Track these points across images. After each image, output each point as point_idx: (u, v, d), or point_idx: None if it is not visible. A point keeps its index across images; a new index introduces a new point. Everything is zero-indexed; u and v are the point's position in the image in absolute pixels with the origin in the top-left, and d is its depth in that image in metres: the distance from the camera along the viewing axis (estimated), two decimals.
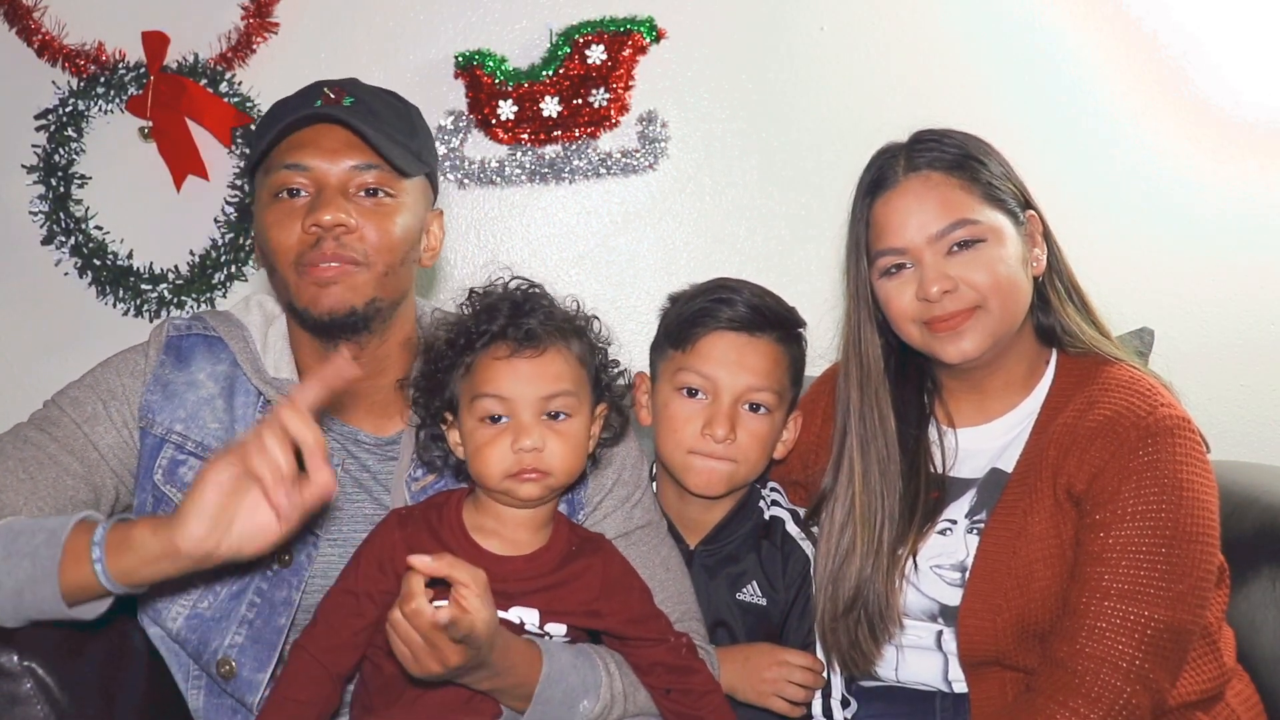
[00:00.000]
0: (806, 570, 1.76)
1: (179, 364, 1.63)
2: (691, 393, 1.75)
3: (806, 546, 1.78)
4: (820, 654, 1.73)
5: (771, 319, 1.76)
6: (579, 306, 1.55)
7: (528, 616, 1.47)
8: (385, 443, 1.65)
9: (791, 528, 1.80)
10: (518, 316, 1.47)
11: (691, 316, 1.78)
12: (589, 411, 1.51)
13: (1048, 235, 1.71)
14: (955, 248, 1.62)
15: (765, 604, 1.76)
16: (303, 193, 1.56)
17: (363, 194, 1.56)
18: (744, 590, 1.77)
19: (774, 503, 1.83)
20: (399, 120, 1.61)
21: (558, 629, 1.49)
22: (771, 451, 1.79)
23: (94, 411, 1.58)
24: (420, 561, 1.30)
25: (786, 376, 1.77)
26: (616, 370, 1.57)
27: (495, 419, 1.45)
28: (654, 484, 1.84)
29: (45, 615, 1.39)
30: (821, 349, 1.90)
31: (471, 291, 1.54)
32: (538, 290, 1.53)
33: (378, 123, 1.56)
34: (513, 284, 1.53)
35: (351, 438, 1.64)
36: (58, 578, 1.35)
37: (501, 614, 1.43)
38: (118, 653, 1.55)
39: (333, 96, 1.57)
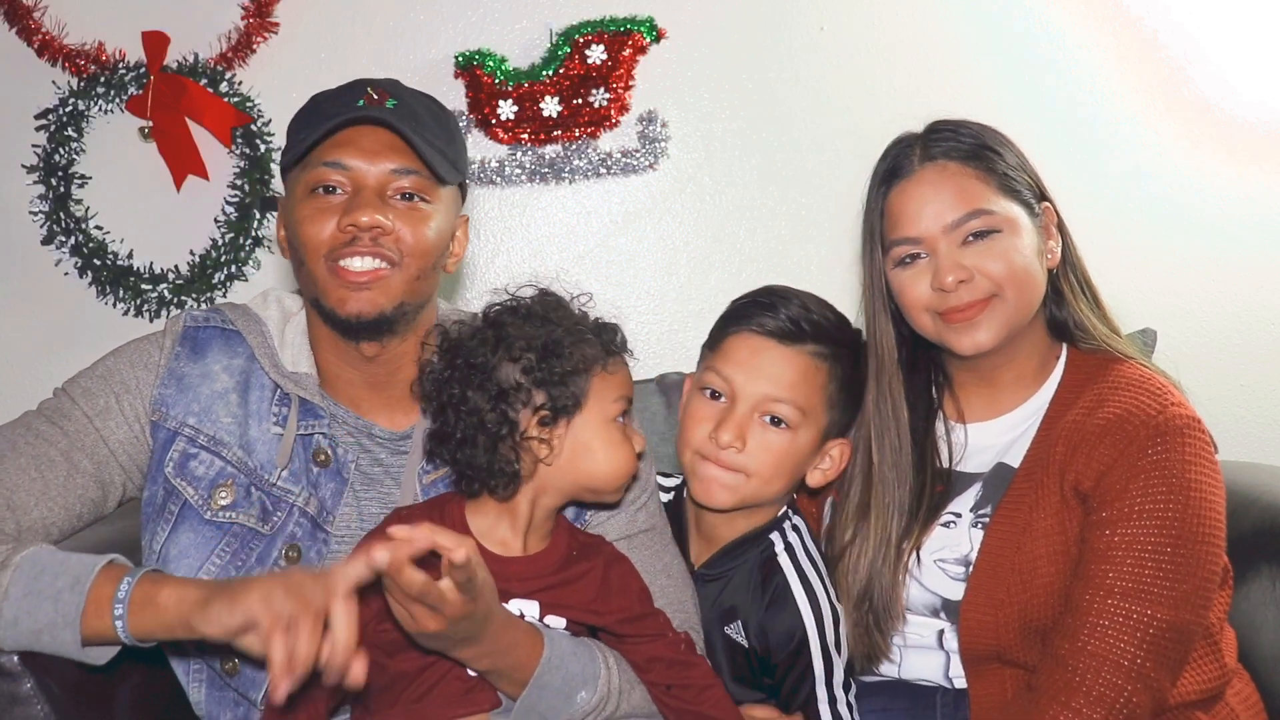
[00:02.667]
0: (800, 637, 1.63)
1: (194, 355, 1.62)
2: (714, 395, 1.69)
3: (805, 611, 1.63)
4: (826, 711, 1.65)
5: (812, 332, 1.67)
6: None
7: (527, 609, 1.47)
8: (398, 437, 1.64)
9: (794, 585, 1.66)
10: (607, 332, 1.52)
11: (726, 317, 1.74)
12: None
13: (1062, 227, 1.71)
14: (971, 238, 1.62)
15: (746, 646, 1.67)
16: (339, 190, 1.55)
17: (398, 198, 1.56)
18: (730, 626, 1.69)
19: (789, 546, 1.70)
20: (439, 126, 1.60)
21: (557, 622, 1.49)
22: (794, 473, 1.69)
23: (106, 405, 1.58)
24: (401, 532, 1.28)
25: (818, 395, 1.66)
26: None
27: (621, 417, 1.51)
28: (684, 487, 1.78)
29: (57, 654, 1.39)
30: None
31: (570, 313, 1.52)
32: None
33: (420, 127, 1.56)
34: (585, 300, 1.56)
35: (365, 431, 1.64)
36: (79, 626, 1.35)
37: (502, 604, 1.43)
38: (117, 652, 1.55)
39: (375, 97, 1.56)
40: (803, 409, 1.66)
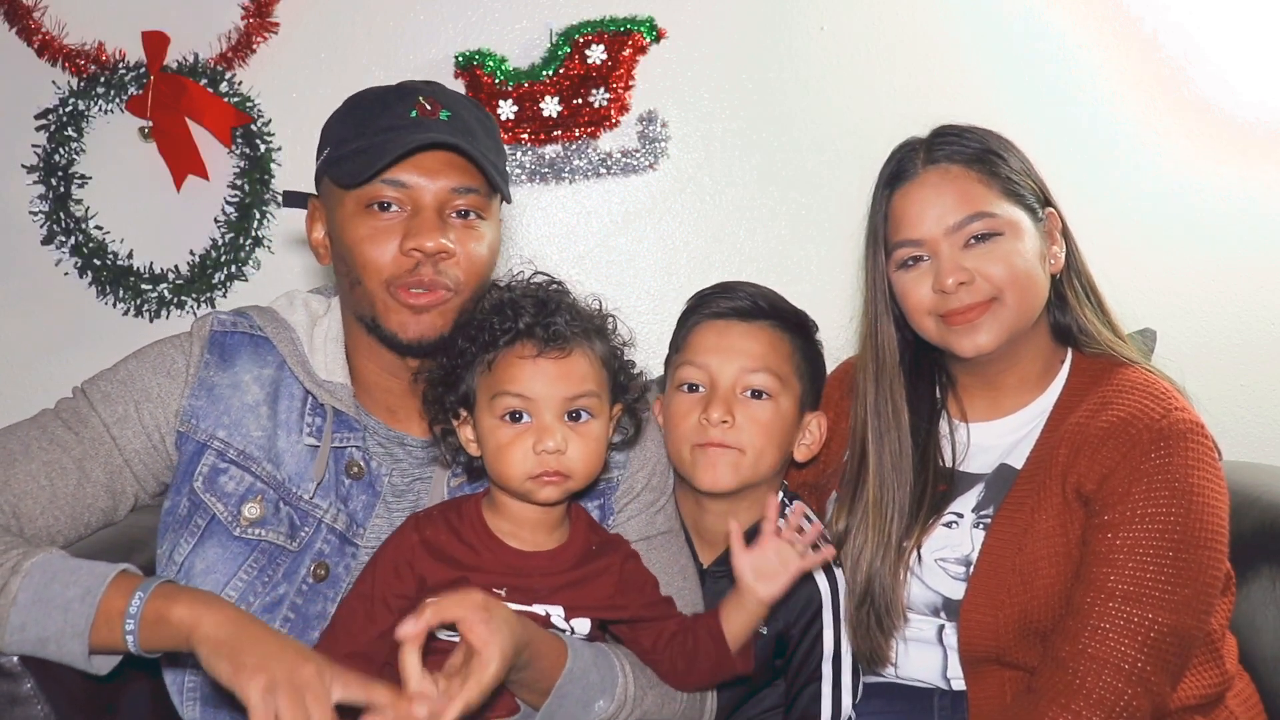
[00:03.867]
0: (816, 605, 1.69)
1: (223, 363, 1.59)
2: (692, 388, 1.74)
3: (821, 580, 1.70)
4: (827, 691, 1.69)
5: (767, 309, 1.75)
6: (601, 306, 1.54)
7: (554, 611, 1.47)
8: (430, 444, 1.62)
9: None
10: (543, 315, 1.45)
11: (685, 315, 1.79)
12: (608, 413, 1.51)
13: (1066, 234, 1.71)
14: (972, 240, 1.62)
15: (765, 633, 1.70)
16: (395, 207, 1.52)
17: (455, 215, 1.54)
18: None
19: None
20: (489, 138, 1.58)
21: (582, 625, 1.49)
22: (783, 445, 1.75)
23: (124, 413, 1.55)
24: (406, 631, 1.28)
25: (787, 364, 1.74)
26: (634, 371, 1.57)
27: (516, 418, 1.44)
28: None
29: (63, 662, 1.38)
30: (823, 348, 1.90)
31: (494, 286, 1.53)
32: (561, 288, 1.52)
33: (475, 142, 1.53)
34: (536, 280, 1.52)
35: (398, 441, 1.63)
36: (88, 637, 1.35)
37: (526, 608, 1.43)
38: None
39: (428, 108, 1.53)
40: (778, 375, 1.72)
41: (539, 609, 1.45)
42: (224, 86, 2.48)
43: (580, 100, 2.46)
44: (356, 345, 1.62)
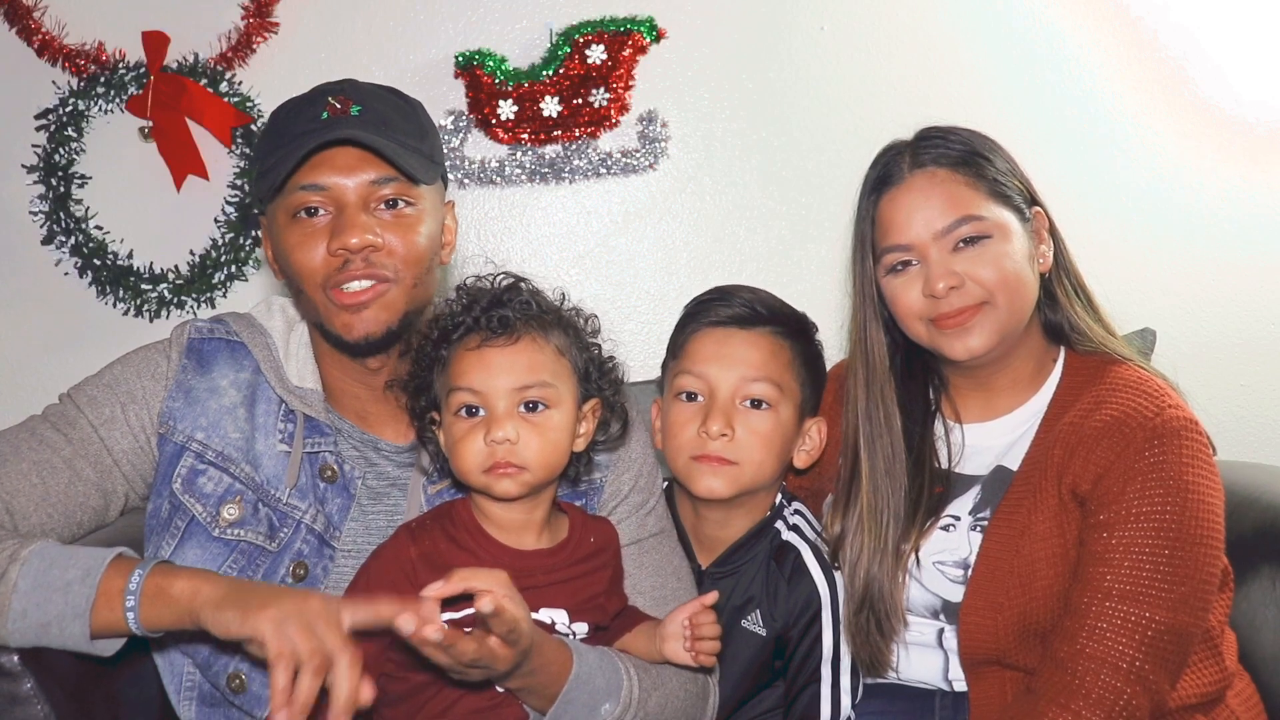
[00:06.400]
0: (816, 607, 1.70)
1: (201, 368, 1.61)
2: (691, 397, 1.73)
3: (821, 582, 1.71)
4: (826, 693, 1.69)
5: (766, 316, 1.74)
6: (565, 297, 1.53)
7: (558, 616, 1.47)
8: (405, 449, 1.63)
9: (809, 558, 1.73)
10: (493, 307, 1.46)
11: (683, 321, 1.78)
12: (572, 405, 1.48)
13: (1054, 232, 1.71)
14: (961, 244, 1.62)
15: (764, 634, 1.71)
16: (321, 211, 1.53)
17: (382, 206, 1.54)
18: (748, 618, 1.72)
19: (794, 527, 1.77)
20: (408, 124, 1.58)
21: (580, 628, 1.49)
22: (782, 454, 1.74)
23: (111, 415, 1.57)
24: (434, 590, 1.29)
25: (788, 371, 1.73)
26: (610, 365, 1.54)
27: (471, 412, 1.44)
28: (674, 494, 1.82)
29: (65, 647, 1.39)
30: (823, 349, 1.90)
31: (458, 287, 1.53)
32: (522, 283, 1.51)
33: (389, 131, 1.54)
34: (498, 278, 1.52)
35: (372, 445, 1.63)
36: (89, 617, 1.36)
37: (533, 615, 1.42)
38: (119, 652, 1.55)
39: (339, 106, 1.54)
40: (778, 384, 1.71)
41: (544, 615, 1.45)
42: (224, 86, 2.48)
43: (580, 100, 2.46)
44: (320, 353, 1.64)
